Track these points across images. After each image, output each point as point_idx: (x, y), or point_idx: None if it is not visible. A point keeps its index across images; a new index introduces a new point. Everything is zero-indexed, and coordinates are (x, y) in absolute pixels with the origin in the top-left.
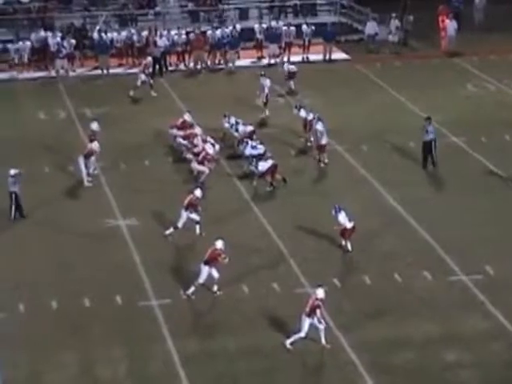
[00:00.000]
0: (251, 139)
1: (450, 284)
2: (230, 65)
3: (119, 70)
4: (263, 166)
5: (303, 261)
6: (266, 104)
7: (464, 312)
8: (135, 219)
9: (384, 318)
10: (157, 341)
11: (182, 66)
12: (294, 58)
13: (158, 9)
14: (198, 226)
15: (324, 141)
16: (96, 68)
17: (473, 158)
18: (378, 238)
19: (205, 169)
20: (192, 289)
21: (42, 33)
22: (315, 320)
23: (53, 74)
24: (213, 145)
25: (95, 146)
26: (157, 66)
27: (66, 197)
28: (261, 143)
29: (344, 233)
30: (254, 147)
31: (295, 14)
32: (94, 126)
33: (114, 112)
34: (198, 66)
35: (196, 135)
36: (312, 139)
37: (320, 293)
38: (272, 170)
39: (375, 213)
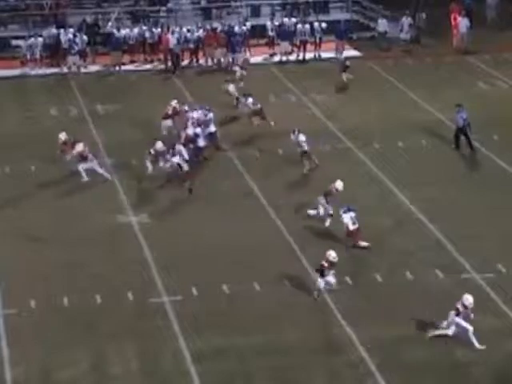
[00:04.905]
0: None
1: (462, 282)
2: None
3: (131, 67)
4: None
5: (315, 258)
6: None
7: (475, 310)
8: (146, 216)
9: (395, 315)
10: (168, 337)
11: (194, 63)
12: (306, 56)
13: (170, 5)
14: (329, 220)
15: (306, 147)
16: (108, 65)
17: (485, 156)
18: (389, 236)
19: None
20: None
21: (54, 29)
22: (464, 322)
23: (65, 70)
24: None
25: (79, 147)
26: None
27: (77, 193)
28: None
29: (348, 234)
30: None
31: (307, 11)
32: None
33: (125, 109)
34: (210, 63)
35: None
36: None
37: (468, 298)
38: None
39: (387, 211)
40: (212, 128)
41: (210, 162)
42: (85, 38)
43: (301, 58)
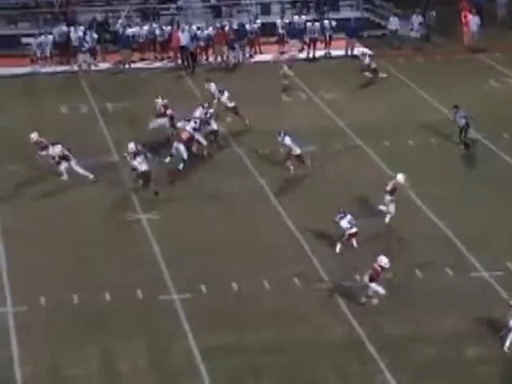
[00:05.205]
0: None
1: (471, 280)
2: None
3: (141, 65)
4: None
5: (324, 256)
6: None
7: (485, 308)
8: (156, 213)
9: (405, 314)
10: (177, 335)
11: (204, 61)
12: (317, 53)
13: (180, 3)
14: (388, 217)
15: (298, 151)
16: (118, 63)
17: (494, 154)
18: (398, 234)
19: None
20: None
21: (64, 27)
22: None
23: (75, 68)
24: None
25: (57, 149)
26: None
27: (87, 191)
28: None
29: (349, 238)
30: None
31: (317, 9)
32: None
33: (135, 106)
34: (219, 61)
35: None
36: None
37: None
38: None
39: (396, 209)
40: (214, 126)
41: (221, 160)
42: (95, 35)
43: (311, 56)
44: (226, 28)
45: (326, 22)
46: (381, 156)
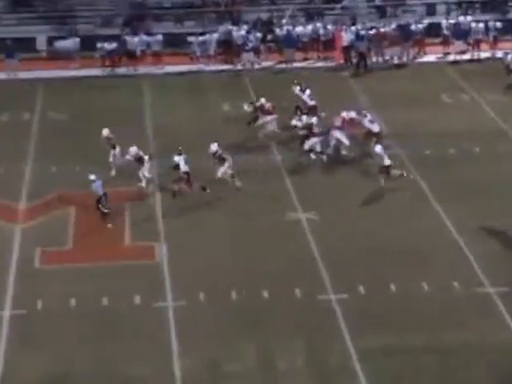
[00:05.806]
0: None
1: None
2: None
3: (304, 64)
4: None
5: (484, 259)
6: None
7: None
8: (315, 213)
9: None
10: (334, 335)
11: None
12: (481, 55)
13: (344, 3)
14: None
15: (387, 162)
16: (281, 62)
17: None
18: None
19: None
20: None
21: (229, 26)
22: None
23: (238, 67)
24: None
25: (133, 150)
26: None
27: (246, 189)
28: None
29: None
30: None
31: (483, 10)
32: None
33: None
34: (381, 61)
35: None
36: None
37: None
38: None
39: None
40: (375, 128)
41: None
42: (259, 34)
43: (475, 57)
44: (386, 28)
45: (490, 23)
46: None
